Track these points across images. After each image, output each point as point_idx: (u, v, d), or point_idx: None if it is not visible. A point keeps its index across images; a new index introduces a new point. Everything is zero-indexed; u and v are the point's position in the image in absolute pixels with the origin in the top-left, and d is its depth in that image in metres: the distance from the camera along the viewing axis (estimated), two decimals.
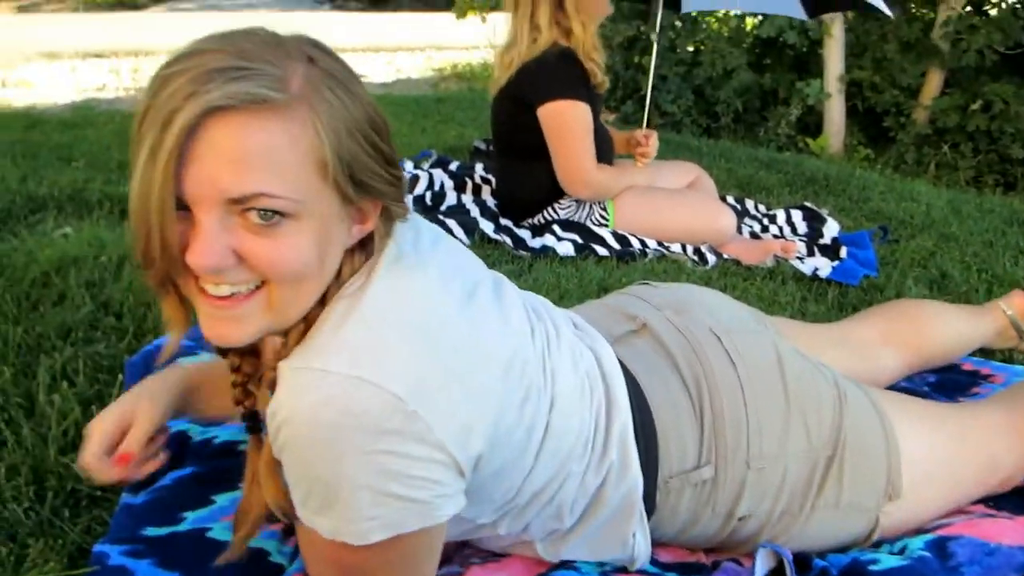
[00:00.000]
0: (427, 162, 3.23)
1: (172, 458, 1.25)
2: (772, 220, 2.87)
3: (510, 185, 2.64)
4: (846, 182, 3.47)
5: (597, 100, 2.48)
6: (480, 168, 3.09)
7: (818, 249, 2.52)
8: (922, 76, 5.56)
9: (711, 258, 2.40)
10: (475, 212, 2.64)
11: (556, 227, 2.48)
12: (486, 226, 2.49)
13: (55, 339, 1.60)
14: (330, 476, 0.74)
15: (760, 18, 5.98)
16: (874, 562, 1.07)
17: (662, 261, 2.37)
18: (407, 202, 0.88)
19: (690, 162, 2.99)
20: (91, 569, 1.03)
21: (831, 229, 2.74)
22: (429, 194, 2.81)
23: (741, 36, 6.31)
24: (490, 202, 2.76)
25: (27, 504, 1.14)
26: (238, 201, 0.72)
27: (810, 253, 2.50)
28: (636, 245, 2.43)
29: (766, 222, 2.86)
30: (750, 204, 3.03)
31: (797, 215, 2.88)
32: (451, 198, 2.79)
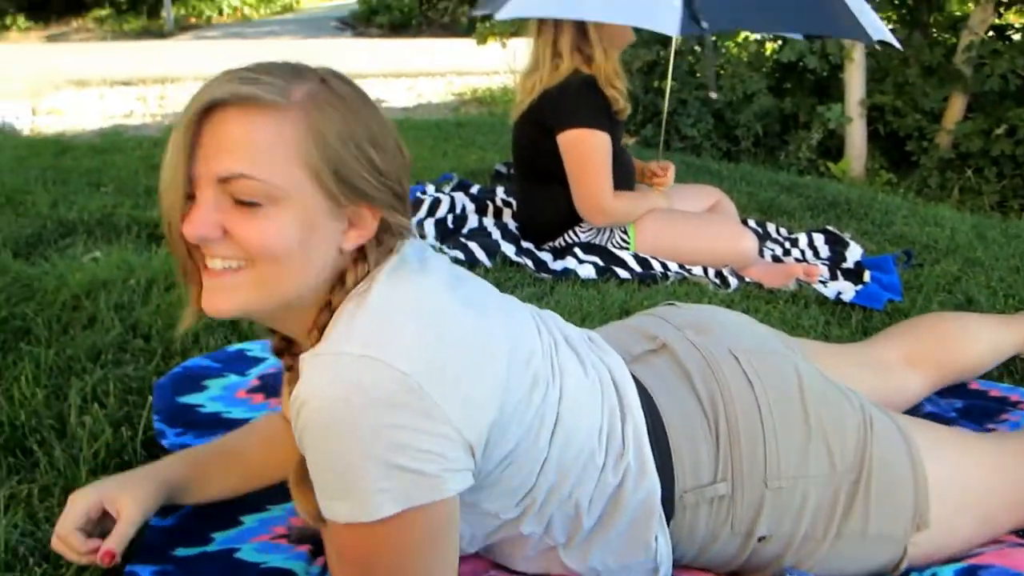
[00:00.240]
0: (448, 185, 3.25)
1: None
2: (794, 244, 2.86)
3: (531, 208, 2.66)
4: (868, 206, 3.45)
5: (618, 127, 2.50)
6: (501, 191, 3.11)
7: (841, 273, 2.51)
8: (944, 100, 5.53)
9: (733, 281, 2.40)
10: (496, 235, 2.65)
11: (577, 250, 2.49)
12: (507, 249, 2.51)
13: (85, 361, 1.63)
14: (342, 451, 0.80)
15: (780, 43, 5.99)
16: None
17: (684, 284, 2.37)
18: (412, 224, 0.97)
19: (711, 185, 2.99)
20: None
21: (854, 253, 2.73)
22: (451, 217, 2.83)
23: (761, 60, 6.32)
24: (511, 225, 2.77)
25: None
26: (225, 180, 0.83)
27: (833, 277, 2.49)
28: (658, 268, 2.43)
29: (788, 245, 2.85)
30: (771, 227, 3.02)
31: (819, 239, 2.87)
32: (472, 221, 2.81)
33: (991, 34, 5.50)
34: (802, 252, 2.79)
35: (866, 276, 2.44)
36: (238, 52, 10.91)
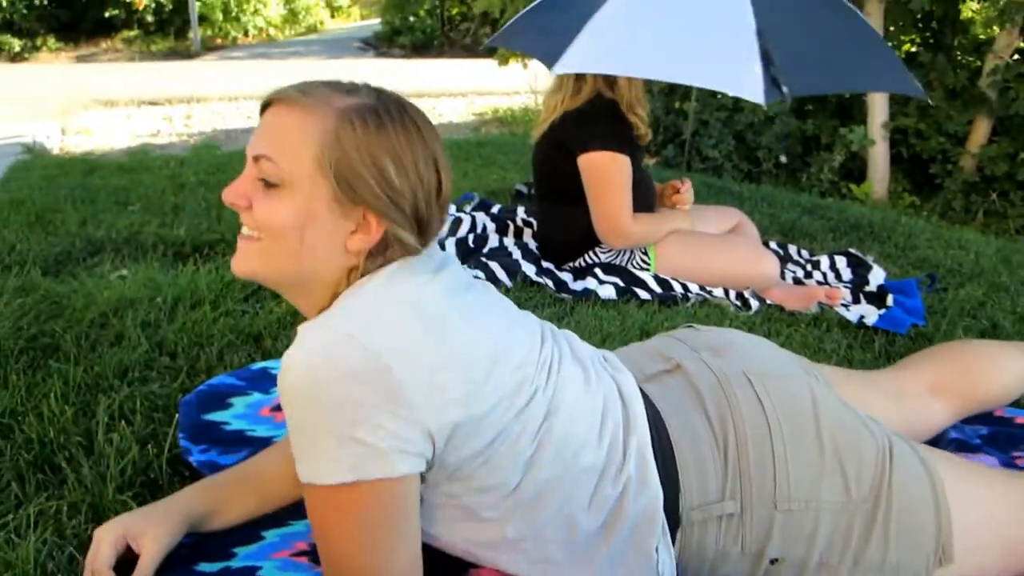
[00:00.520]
0: (469, 205, 3.28)
1: None
2: (816, 266, 2.85)
3: (551, 228, 2.67)
4: (891, 229, 3.43)
5: (639, 151, 2.51)
6: (522, 211, 3.12)
7: (864, 296, 2.50)
8: (969, 124, 5.50)
9: (754, 303, 2.39)
10: (517, 255, 2.66)
11: (598, 270, 2.50)
12: (528, 269, 2.52)
13: (113, 379, 1.65)
14: (307, 416, 0.88)
15: None
16: None
17: (704, 306, 2.36)
18: (433, 246, 1.04)
19: (732, 207, 2.99)
20: None
21: (877, 276, 2.71)
22: (471, 236, 2.85)
23: None
24: (532, 245, 2.78)
25: (85, 540, 1.17)
26: (256, 159, 0.97)
27: (856, 300, 2.47)
28: (678, 289, 2.43)
29: (809, 268, 2.84)
30: (793, 250, 3.01)
31: (841, 261, 2.86)
32: (493, 241, 2.83)
33: (1016, 58, 5.48)
34: (824, 275, 2.78)
35: (889, 300, 2.42)
36: (263, 72, 11.09)
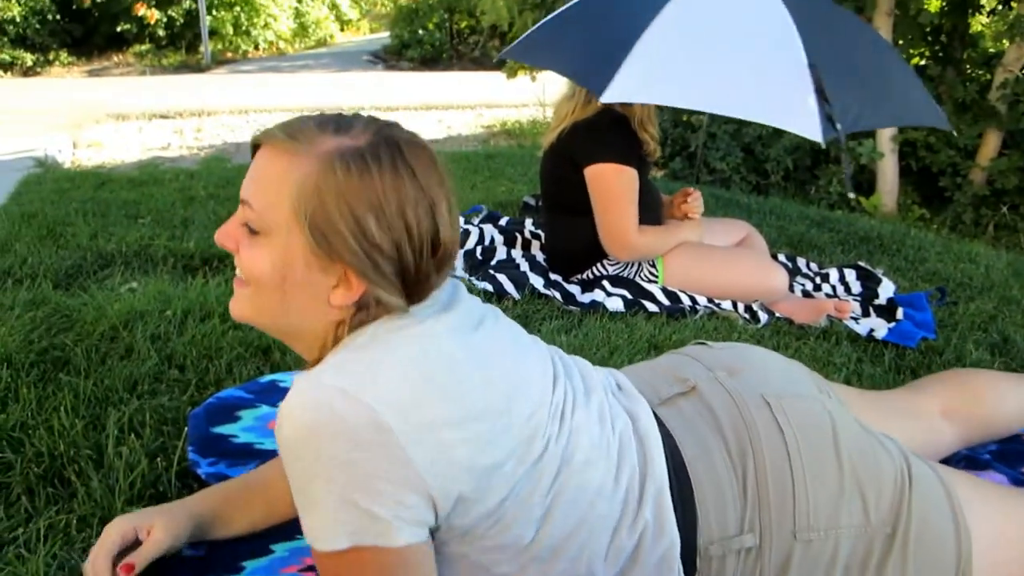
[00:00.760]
0: (477, 217, 3.29)
1: None
2: (825, 279, 2.84)
3: (559, 241, 2.67)
4: (901, 242, 3.42)
5: (646, 165, 2.51)
6: (530, 223, 3.13)
7: (873, 310, 2.49)
8: (979, 137, 5.49)
9: (763, 316, 2.38)
10: (525, 267, 2.67)
11: (606, 283, 2.50)
12: (536, 281, 2.52)
13: (123, 392, 1.66)
14: (308, 475, 0.83)
15: None
16: None
17: (713, 318, 2.36)
18: (429, 302, 0.95)
19: (740, 220, 2.99)
20: None
21: (886, 289, 2.70)
22: (479, 249, 2.85)
23: None
24: (539, 257, 2.79)
25: None
26: (242, 203, 0.93)
27: (865, 313, 2.47)
28: (686, 302, 2.43)
29: (819, 281, 2.83)
30: (802, 262, 3.01)
31: (851, 274, 2.85)
32: (501, 253, 2.83)
33: None
34: (833, 288, 2.77)
35: (899, 313, 2.41)
36: (272, 85, 11.17)
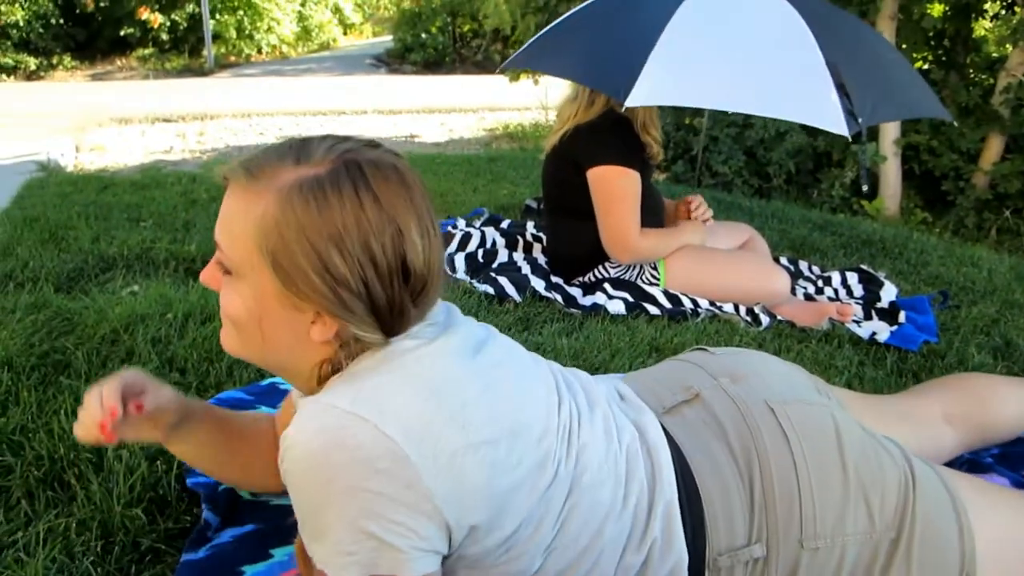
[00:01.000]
0: (479, 220, 3.29)
1: (229, 516, 1.29)
2: (827, 282, 2.84)
3: (560, 243, 2.67)
4: (903, 245, 3.42)
5: (648, 167, 2.51)
6: (531, 226, 3.13)
7: (875, 313, 2.48)
8: (982, 141, 5.48)
9: (765, 319, 2.38)
10: (526, 270, 2.67)
11: (607, 285, 2.50)
12: (537, 284, 2.52)
13: None
14: (319, 504, 0.80)
15: None
16: None
17: (714, 321, 2.35)
18: (381, 335, 0.90)
19: (742, 223, 2.99)
20: None
21: (889, 293, 2.69)
22: (481, 251, 2.85)
23: None
24: (541, 260, 2.78)
25: (93, 558, 1.17)
26: (216, 240, 0.91)
27: (867, 317, 2.46)
28: (688, 305, 2.42)
29: (821, 284, 2.82)
30: (804, 266, 3.00)
31: (853, 278, 2.84)
32: (503, 255, 2.83)
33: None
34: (835, 291, 2.77)
35: (901, 316, 2.40)
36: (275, 89, 11.19)
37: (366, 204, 0.85)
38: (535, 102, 7.86)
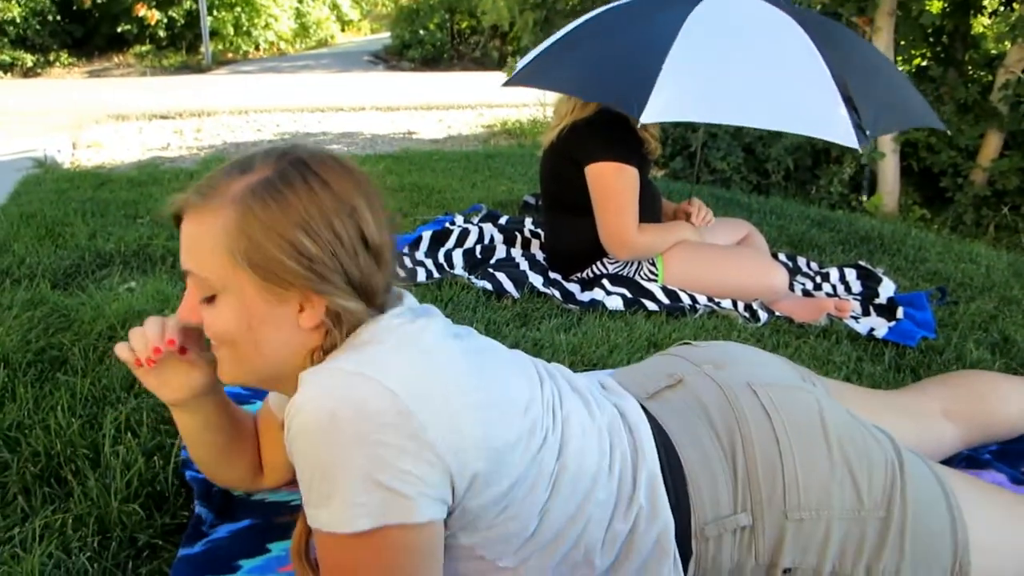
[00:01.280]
0: (477, 216, 3.29)
1: (225, 512, 1.29)
2: (825, 278, 2.84)
3: (558, 239, 2.66)
4: (901, 242, 3.42)
5: (646, 163, 2.50)
6: (529, 222, 3.13)
7: (874, 309, 2.48)
8: (980, 138, 5.48)
9: (763, 315, 2.38)
10: (524, 265, 2.67)
11: (605, 281, 2.49)
12: (535, 279, 2.51)
13: (120, 391, 1.65)
14: (326, 460, 0.83)
15: None
16: None
17: (712, 317, 2.35)
18: (394, 300, 1.00)
19: (741, 219, 2.98)
20: None
21: (887, 289, 2.69)
22: (479, 247, 2.85)
23: None
24: (539, 256, 2.78)
25: (90, 553, 1.17)
26: (186, 274, 0.96)
27: (865, 313, 2.46)
28: (686, 300, 2.42)
29: (819, 280, 2.82)
30: (802, 262, 3.00)
31: (851, 274, 2.84)
32: (501, 251, 2.83)
33: None
34: (833, 287, 2.77)
35: (899, 312, 2.40)
36: (273, 86, 11.18)
37: (318, 191, 0.93)
38: (533, 99, 7.85)
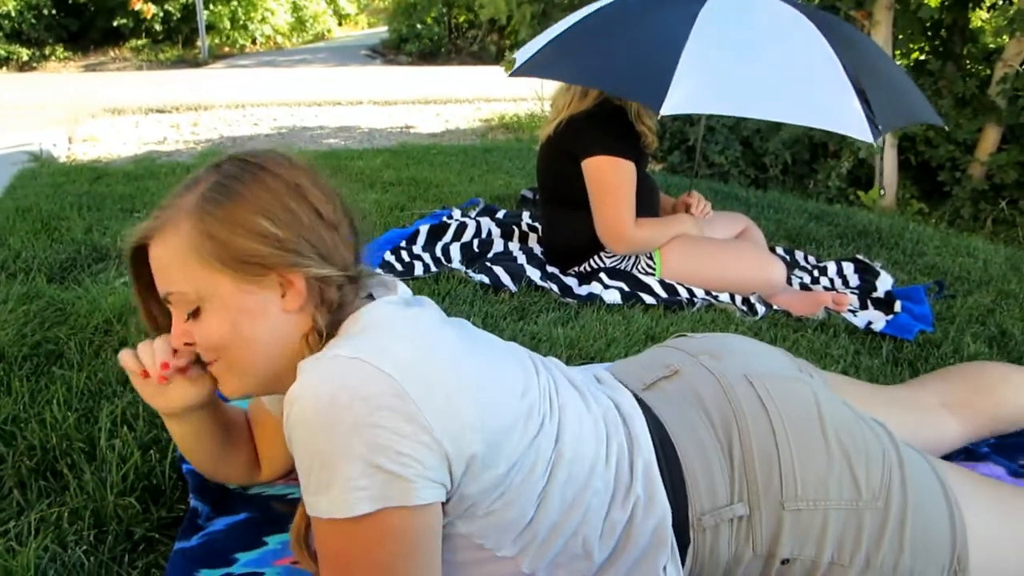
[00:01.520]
0: (475, 210, 3.28)
1: (221, 505, 1.28)
2: (823, 272, 2.83)
3: (556, 233, 2.66)
4: (899, 235, 3.42)
5: (644, 157, 2.50)
6: (527, 216, 3.12)
7: (871, 302, 2.48)
8: (978, 132, 5.48)
9: (760, 309, 2.37)
10: (522, 259, 2.66)
11: (603, 275, 2.49)
12: (533, 273, 2.51)
13: (116, 385, 1.65)
14: (325, 446, 0.84)
15: None
16: None
17: (710, 311, 2.35)
18: (368, 274, 1.05)
19: (738, 213, 2.98)
20: None
21: (884, 282, 2.69)
22: (476, 241, 2.84)
23: None
24: (537, 250, 2.78)
25: (86, 547, 1.17)
26: (166, 298, 0.99)
27: (863, 306, 2.46)
28: (684, 294, 2.42)
29: (816, 274, 2.82)
30: (800, 255, 3.00)
31: (849, 267, 2.84)
32: (498, 245, 2.82)
33: None
34: (831, 280, 2.77)
35: (897, 306, 2.40)
36: (270, 80, 11.15)
37: (265, 179, 0.98)
38: (530, 93, 7.84)
